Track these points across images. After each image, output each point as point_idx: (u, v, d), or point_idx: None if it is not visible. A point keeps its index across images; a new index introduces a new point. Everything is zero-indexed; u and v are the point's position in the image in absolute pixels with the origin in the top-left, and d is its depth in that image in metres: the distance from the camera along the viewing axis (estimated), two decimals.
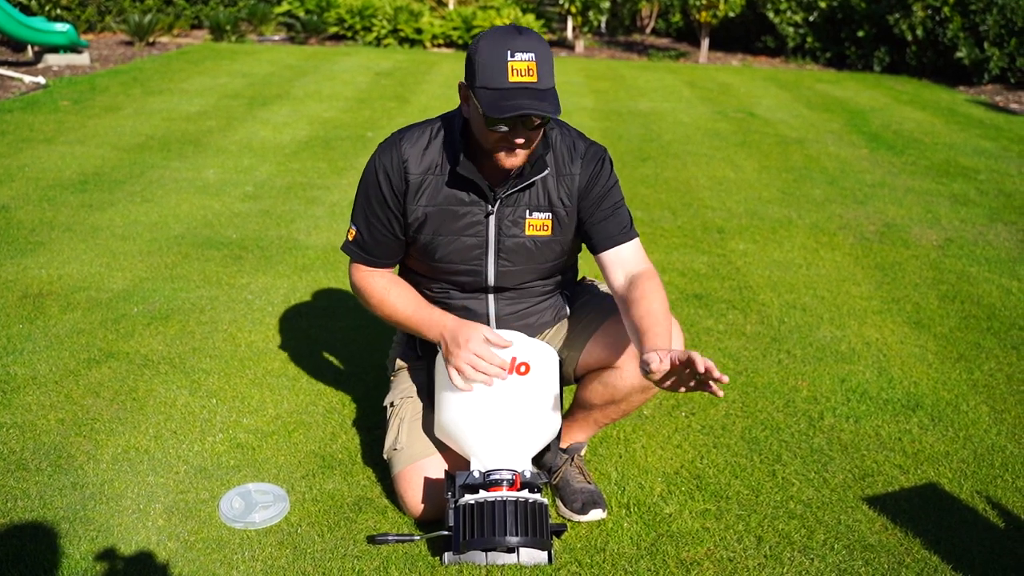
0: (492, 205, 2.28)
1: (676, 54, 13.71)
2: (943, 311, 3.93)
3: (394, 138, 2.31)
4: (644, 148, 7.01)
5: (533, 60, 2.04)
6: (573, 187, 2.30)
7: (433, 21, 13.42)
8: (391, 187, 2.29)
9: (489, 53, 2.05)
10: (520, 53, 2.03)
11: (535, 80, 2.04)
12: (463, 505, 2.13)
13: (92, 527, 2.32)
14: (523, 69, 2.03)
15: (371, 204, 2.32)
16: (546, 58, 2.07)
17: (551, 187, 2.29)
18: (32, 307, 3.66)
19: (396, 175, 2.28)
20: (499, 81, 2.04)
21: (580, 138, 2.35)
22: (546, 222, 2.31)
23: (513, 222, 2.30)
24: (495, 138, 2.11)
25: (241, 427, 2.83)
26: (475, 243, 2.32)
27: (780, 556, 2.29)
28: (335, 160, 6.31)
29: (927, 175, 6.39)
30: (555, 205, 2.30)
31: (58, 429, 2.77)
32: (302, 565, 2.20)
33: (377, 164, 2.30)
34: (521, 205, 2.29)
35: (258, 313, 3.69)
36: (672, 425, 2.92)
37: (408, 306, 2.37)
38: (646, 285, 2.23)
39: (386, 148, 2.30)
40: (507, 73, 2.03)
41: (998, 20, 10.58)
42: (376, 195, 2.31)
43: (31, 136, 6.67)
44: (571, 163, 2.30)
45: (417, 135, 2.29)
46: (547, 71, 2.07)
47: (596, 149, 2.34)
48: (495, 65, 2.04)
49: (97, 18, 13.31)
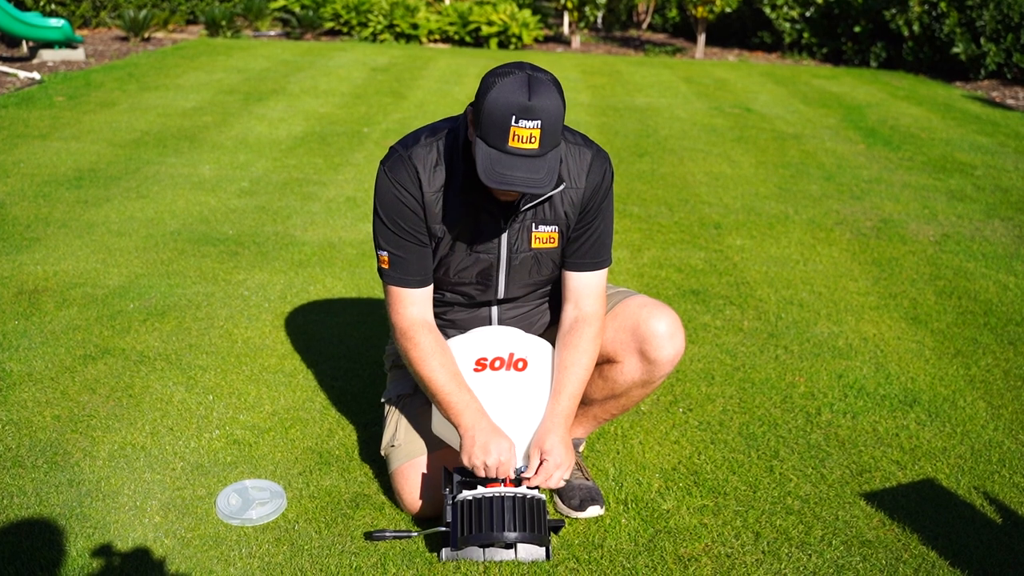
0: (505, 223, 2.25)
1: (672, 49, 13.70)
2: (940, 307, 3.93)
3: (402, 154, 2.22)
4: (641, 144, 7.01)
5: (538, 128, 1.98)
6: (578, 199, 2.27)
7: (429, 16, 13.40)
8: (412, 198, 2.21)
9: (496, 110, 1.98)
10: (525, 120, 1.97)
11: (536, 147, 1.99)
12: (461, 501, 2.13)
13: (89, 524, 2.31)
14: (525, 136, 1.98)
15: (395, 221, 2.23)
16: (553, 121, 2.00)
17: (556, 200, 2.26)
18: (28, 303, 3.64)
19: (414, 188, 2.20)
20: (498, 142, 1.99)
21: (585, 144, 2.29)
22: (552, 235, 2.28)
23: (522, 237, 2.28)
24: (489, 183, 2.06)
25: (238, 423, 2.83)
26: (487, 259, 2.29)
27: (778, 552, 2.29)
28: (331, 156, 6.30)
29: (924, 171, 6.39)
30: (560, 218, 2.27)
31: (54, 426, 2.77)
32: (299, 562, 2.20)
33: (392, 181, 2.21)
34: (528, 220, 2.26)
35: (254, 309, 3.69)
36: (670, 421, 2.92)
37: (447, 383, 2.23)
38: (584, 333, 2.29)
39: (397, 164, 2.21)
40: (508, 138, 1.98)
41: (995, 16, 10.58)
42: (398, 210, 2.22)
43: (26, 132, 6.65)
44: (578, 172, 2.26)
45: (424, 152, 2.21)
46: (551, 135, 2.01)
47: (600, 159, 2.29)
48: (498, 126, 1.98)
49: (92, 13, 13.27)
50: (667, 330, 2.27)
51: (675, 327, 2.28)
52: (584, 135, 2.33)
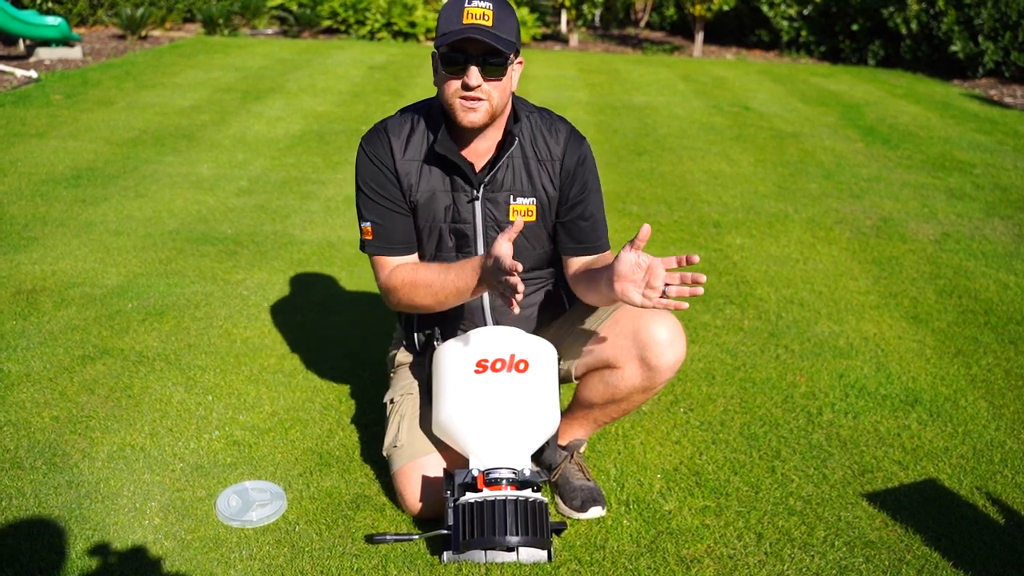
0: (476, 190, 2.31)
1: (670, 48, 13.69)
2: (941, 306, 3.92)
3: (378, 127, 2.36)
4: (639, 142, 7.00)
5: (489, 8, 2.11)
6: (556, 171, 2.33)
7: (427, 14, 13.37)
8: (387, 168, 2.32)
9: (448, 6, 2.13)
10: (477, 1, 2.11)
11: (490, 24, 2.11)
12: (463, 504, 2.12)
13: (88, 526, 2.30)
14: (478, 14, 2.11)
15: (376, 191, 2.33)
16: (505, 13, 2.14)
17: (533, 171, 2.32)
18: (25, 303, 3.63)
19: (387, 157, 2.31)
20: (453, 24, 2.11)
21: (561, 121, 2.39)
22: (530, 207, 2.34)
23: (498, 208, 2.33)
24: (452, 89, 2.16)
25: (237, 424, 2.82)
26: (463, 230, 2.34)
27: (780, 553, 2.28)
28: (329, 155, 6.29)
29: (923, 169, 6.38)
30: (538, 190, 2.34)
31: (53, 427, 2.75)
32: (300, 564, 2.19)
33: (369, 153, 2.34)
34: (504, 190, 2.32)
35: (254, 309, 3.67)
36: (671, 421, 2.91)
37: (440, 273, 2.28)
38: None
39: (372, 137, 2.35)
40: (462, 16, 2.10)
41: (992, 14, 10.58)
42: (377, 179, 2.33)
43: (23, 130, 6.63)
44: (553, 145, 2.33)
45: (399, 124, 2.34)
46: (505, 24, 2.13)
47: (577, 136, 2.37)
48: (451, 13, 2.13)
49: (89, 11, 13.24)
50: (668, 336, 2.26)
51: (676, 333, 2.27)
52: (561, 116, 2.41)
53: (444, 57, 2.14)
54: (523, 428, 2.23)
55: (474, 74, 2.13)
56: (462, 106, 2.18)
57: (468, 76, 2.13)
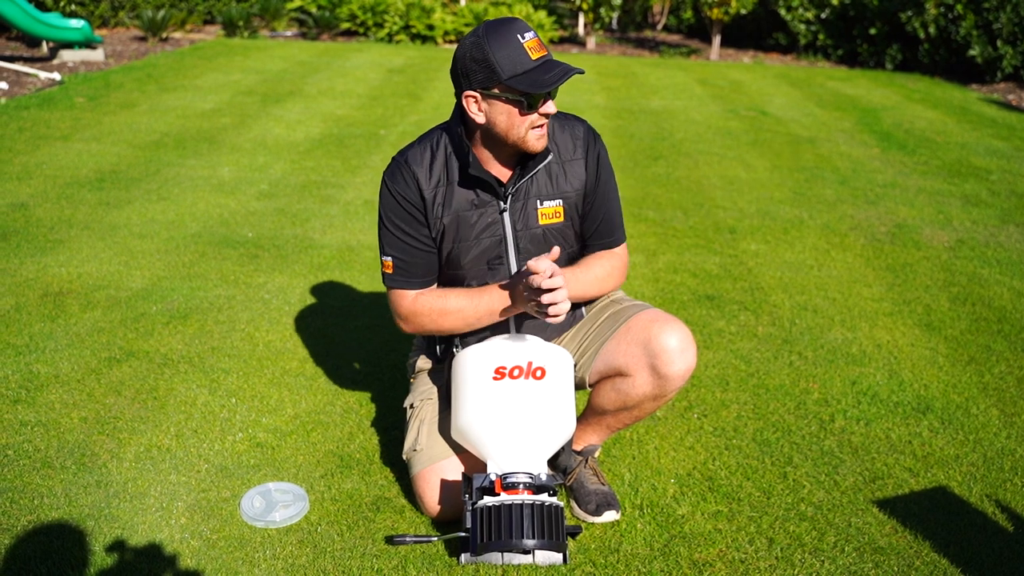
0: (504, 202, 2.35)
1: (688, 51, 13.70)
2: (954, 313, 3.95)
3: (399, 161, 2.37)
4: (656, 147, 7.04)
5: (535, 38, 2.18)
6: (580, 171, 2.40)
7: (445, 17, 13.45)
8: (412, 204, 2.34)
9: (502, 47, 2.14)
10: (526, 34, 2.17)
11: (546, 53, 2.19)
12: (481, 507, 2.17)
13: (116, 525, 2.37)
14: (536, 46, 2.17)
15: (399, 226, 2.36)
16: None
17: (557, 173, 2.38)
18: (53, 305, 3.71)
19: (413, 193, 2.34)
20: (526, 64, 2.15)
21: (576, 120, 2.46)
22: (558, 209, 2.39)
23: (527, 215, 2.37)
24: (529, 122, 2.21)
25: (260, 426, 2.88)
26: (494, 242, 2.38)
27: (791, 558, 2.33)
28: (349, 158, 6.36)
29: (939, 175, 6.40)
30: (563, 191, 2.39)
31: (81, 427, 2.83)
32: (322, 563, 2.25)
33: (392, 189, 2.36)
34: (531, 196, 2.37)
35: (275, 312, 3.74)
36: (684, 427, 2.96)
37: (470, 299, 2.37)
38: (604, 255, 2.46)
39: (394, 171, 2.36)
40: (528, 54, 2.15)
41: (1011, 18, 10.55)
42: (401, 215, 2.35)
43: (48, 133, 6.73)
44: (572, 145, 2.40)
45: (419, 153, 2.36)
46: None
47: (592, 131, 2.45)
48: (514, 54, 2.14)
49: (110, 13, 13.37)
50: (678, 345, 2.30)
51: (686, 342, 2.32)
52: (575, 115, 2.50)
53: (529, 96, 2.17)
54: (540, 434, 2.28)
55: (551, 104, 2.22)
56: (537, 136, 2.24)
57: (547, 106, 2.21)
